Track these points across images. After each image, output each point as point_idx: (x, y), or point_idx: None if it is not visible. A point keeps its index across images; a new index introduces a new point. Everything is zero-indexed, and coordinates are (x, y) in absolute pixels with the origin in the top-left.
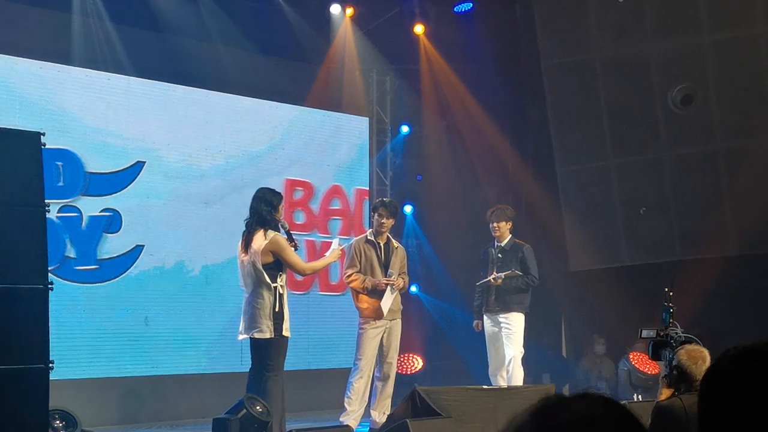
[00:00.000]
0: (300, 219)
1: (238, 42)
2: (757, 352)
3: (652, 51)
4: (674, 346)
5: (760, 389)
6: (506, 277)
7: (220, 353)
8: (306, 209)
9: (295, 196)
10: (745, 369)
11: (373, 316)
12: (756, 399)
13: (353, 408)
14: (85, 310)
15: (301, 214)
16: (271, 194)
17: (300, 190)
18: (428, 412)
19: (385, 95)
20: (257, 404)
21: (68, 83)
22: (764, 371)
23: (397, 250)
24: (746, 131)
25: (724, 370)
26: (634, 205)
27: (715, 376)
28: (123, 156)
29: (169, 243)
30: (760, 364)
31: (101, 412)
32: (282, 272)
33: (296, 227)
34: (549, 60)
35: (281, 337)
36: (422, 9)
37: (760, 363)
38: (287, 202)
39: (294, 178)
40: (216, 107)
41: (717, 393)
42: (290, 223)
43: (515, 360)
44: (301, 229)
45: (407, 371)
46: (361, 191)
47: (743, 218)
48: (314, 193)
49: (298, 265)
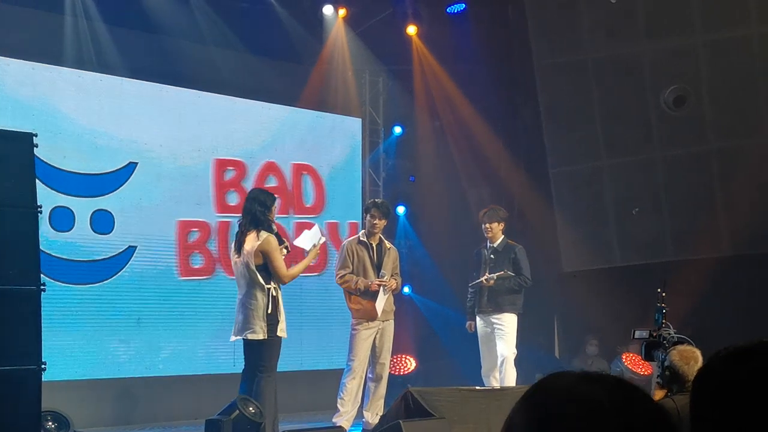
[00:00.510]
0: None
1: (231, 43)
2: (750, 353)
3: (644, 52)
4: (667, 346)
5: (752, 389)
6: (498, 278)
7: (213, 354)
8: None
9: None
10: (737, 369)
11: (365, 317)
12: (749, 399)
13: (346, 409)
14: (78, 311)
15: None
16: (265, 195)
17: (231, 169)
18: (421, 413)
19: (377, 96)
20: (250, 405)
21: (60, 84)
22: (757, 371)
23: (390, 251)
24: (739, 132)
25: (716, 370)
26: (627, 206)
27: (708, 377)
28: (115, 157)
29: (161, 244)
30: (753, 364)
31: (94, 413)
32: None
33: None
34: (541, 60)
35: (275, 338)
36: (415, 10)
37: (752, 363)
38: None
39: (223, 158)
40: (208, 108)
41: (709, 393)
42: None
43: (508, 361)
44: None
45: (400, 372)
46: (299, 165)
47: (736, 219)
48: (246, 172)
49: (281, 271)
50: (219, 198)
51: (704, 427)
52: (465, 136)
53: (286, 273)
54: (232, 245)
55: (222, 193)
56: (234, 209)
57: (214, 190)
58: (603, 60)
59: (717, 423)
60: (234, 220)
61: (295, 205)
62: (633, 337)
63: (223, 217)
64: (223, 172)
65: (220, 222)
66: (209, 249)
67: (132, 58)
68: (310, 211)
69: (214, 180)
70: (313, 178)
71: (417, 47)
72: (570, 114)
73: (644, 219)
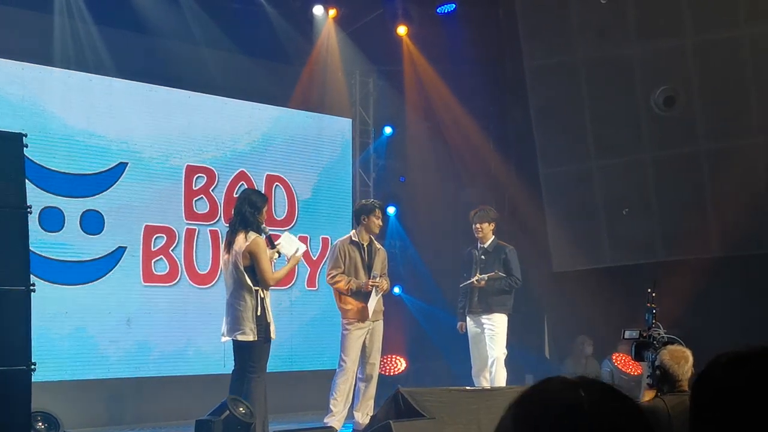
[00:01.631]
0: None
1: (221, 43)
2: (748, 357)
3: (634, 52)
4: (657, 346)
5: (752, 395)
6: (489, 278)
7: (203, 355)
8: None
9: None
10: (736, 375)
11: (357, 318)
12: (748, 404)
13: (338, 409)
14: (68, 311)
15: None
16: (256, 196)
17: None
18: (411, 413)
19: (368, 96)
20: (240, 406)
21: (50, 84)
22: (756, 376)
23: (379, 252)
24: (729, 133)
25: (715, 376)
26: (617, 207)
27: (707, 382)
28: (105, 157)
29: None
30: (752, 368)
31: (84, 414)
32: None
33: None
34: (532, 61)
35: (264, 339)
36: (405, 10)
37: (751, 368)
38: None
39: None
40: (198, 108)
41: (709, 399)
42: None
43: (498, 361)
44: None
45: (390, 372)
46: (272, 177)
47: (725, 219)
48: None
49: (267, 274)
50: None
51: (705, 429)
52: (455, 137)
53: (272, 276)
54: (222, 244)
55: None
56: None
57: (185, 194)
58: (593, 61)
59: (717, 427)
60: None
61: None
62: (623, 338)
63: (194, 225)
64: (194, 179)
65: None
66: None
67: (122, 59)
68: (282, 224)
69: (185, 183)
70: (286, 189)
71: (407, 48)
72: (560, 115)
73: (634, 220)
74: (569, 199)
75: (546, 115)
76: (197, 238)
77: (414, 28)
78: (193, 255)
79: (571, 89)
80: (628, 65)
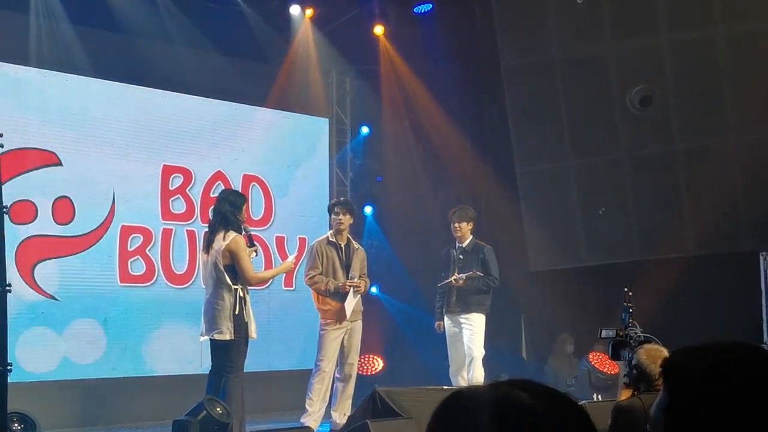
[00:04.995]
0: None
1: (198, 43)
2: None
3: (610, 52)
4: (634, 345)
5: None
6: (467, 278)
7: (180, 355)
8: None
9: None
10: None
11: (335, 318)
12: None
13: (314, 409)
14: (45, 311)
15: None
16: (235, 195)
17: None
18: (389, 413)
19: (344, 96)
20: (217, 406)
21: (26, 84)
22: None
23: (358, 252)
24: (704, 132)
25: (696, 375)
26: (594, 206)
27: (687, 381)
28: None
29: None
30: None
31: (60, 415)
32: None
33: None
34: (508, 61)
35: (242, 339)
36: (382, 10)
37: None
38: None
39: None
40: (175, 108)
41: (689, 397)
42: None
43: (476, 360)
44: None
45: (368, 372)
46: (248, 177)
47: (702, 218)
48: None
49: (248, 273)
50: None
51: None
52: (432, 136)
53: (253, 275)
54: (200, 244)
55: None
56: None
57: (162, 194)
58: (569, 60)
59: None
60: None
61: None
62: (600, 337)
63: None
64: (170, 179)
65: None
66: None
67: (98, 58)
68: (259, 224)
69: (161, 183)
70: (263, 189)
71: (384, 47)
72: (536, 114)
73: (611, 219)
74: (546, 198)
75: (523, 114)
76: (174, 238)
77: (391, 28)
78: (170, 255)
79: (548, 88)
80: (604, 65)
